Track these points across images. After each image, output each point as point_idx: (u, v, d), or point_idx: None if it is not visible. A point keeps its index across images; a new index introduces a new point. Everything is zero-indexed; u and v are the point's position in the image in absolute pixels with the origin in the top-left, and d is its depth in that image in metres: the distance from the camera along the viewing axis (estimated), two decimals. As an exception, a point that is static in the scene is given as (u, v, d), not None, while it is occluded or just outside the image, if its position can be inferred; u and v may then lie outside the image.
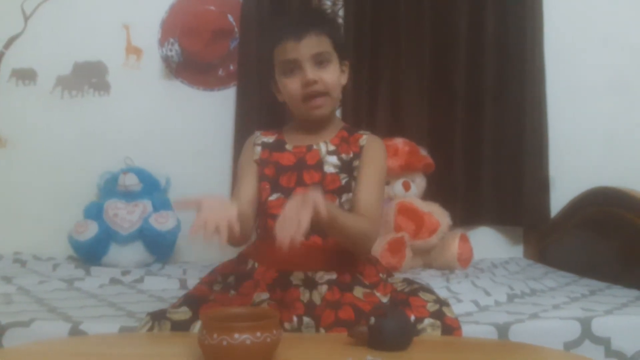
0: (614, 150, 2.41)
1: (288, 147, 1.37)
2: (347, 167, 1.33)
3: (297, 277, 1.26)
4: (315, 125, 1.37)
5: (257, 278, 1.27)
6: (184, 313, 1.19)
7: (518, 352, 1.16)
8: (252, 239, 1.39)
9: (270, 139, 1.41)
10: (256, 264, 1.31)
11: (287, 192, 1.31)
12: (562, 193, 2.32)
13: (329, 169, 1.33)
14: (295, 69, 1.30)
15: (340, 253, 1.28)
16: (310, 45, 1.29)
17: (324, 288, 1.25)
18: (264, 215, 1.33)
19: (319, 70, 1.30)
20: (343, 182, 1.32)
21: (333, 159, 1.34)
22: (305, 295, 1.23)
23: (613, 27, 2.41)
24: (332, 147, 1.35)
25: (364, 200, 1.29)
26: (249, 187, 1.35)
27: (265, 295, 1.22)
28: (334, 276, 1.27)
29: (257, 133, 1.43)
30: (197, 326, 1.15)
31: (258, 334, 0.92)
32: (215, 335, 0.92)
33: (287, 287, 1.24)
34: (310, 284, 1.25)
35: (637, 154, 2.40)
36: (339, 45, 1.36)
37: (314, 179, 1.32)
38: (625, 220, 1.85)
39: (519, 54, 2.36)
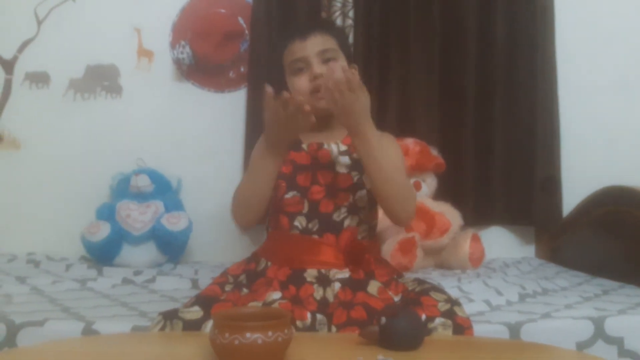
0: (627, 149, 2.38)
1: (304, 146, 1.39)
2: (359, 165, 1.33)
3: (310, 274, 1.27)
4: (325, 124, 1.38)
5: (270, 276, 1.28)
6: (195, 312, 1.20)
7: (530, 351, 1.15)
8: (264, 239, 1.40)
9: None
10: (269, 263, 1.32)
11: (303, 191, 1.33)
12: (574, 192, 2.30)
13: (340, 169, 1.35)
14: (303, 67, 1.34)
15: (353, 251, 1.29)
16: (316, 42, 1.34)
17: (337, 285, 1.25)
18: (278, 212, 1.34)
19: (326, 66, 1.32)
20: (355, 179, 1.34)
21: (345, 159, 1.35)
22: (318, 292, 1.25)
23: (626, 26, 2.39)
24: (343, 147, 1.36)
25: None
26: None
27: (277, 295, 1.22)
28: (347, 274, 1.28)
29: None
30: (208, 325, 1.16)
31: (270, 333, 0.93)
32: (227, 335, 0.92)
33: (302, 284, 1.25)
34: (324, 281, 1.26)
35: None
36: (345, 47, 1.39)
37: (327, 179, 1.34)
38: (638, 219, 1.83)
39: (529, 53, 2.34)
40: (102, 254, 2.13)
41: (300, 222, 1.32)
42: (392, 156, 1.29)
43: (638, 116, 2.40)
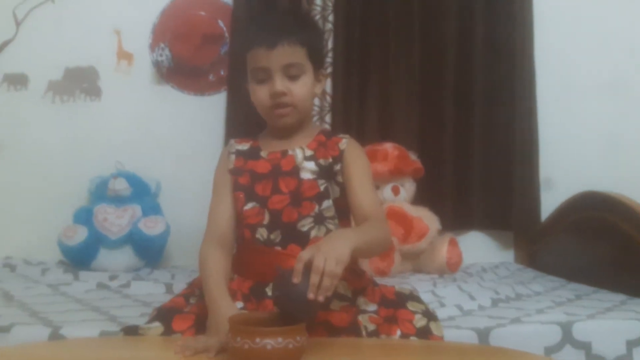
0: (607, 153, 2.40)
1: (263, 154, 1.33)
2: (326, 173, 1.30)
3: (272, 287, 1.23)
4: (289, 131, 1.33)
5: (234, 288, 1.25)
6: (156, 329, 1.18)
7: (496, 356, 1.15)
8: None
9: (244, 146, 1.37)
10: (235, 276, 1.29)
11: (262, 201, 1.28)
12: (554, 197, 2.31)
13: (305, 175, 1.28)
14: (265, 77, 1.27)
15: None
16: (282, 55, 1.25)
17: None
18: (240, 225, 1.30)
19: (289, 81, 1.27)
20: (322, 188, 1.28)
21: (310, 165, 1.30)
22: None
23: (603, 28, 2.41)
24: (309, 152, 1.31)
25: (367, 203, 1.27)
26: (225, 206, 1.32)
27: (239, 305, 1.20)
28: None
29: (232, 141, 1.40)
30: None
31: (279, 339, 0.92)
32: (238, 338, 0.93)
33: (262, 298, 1.22)
34: None
35: (631, 157, 2.39)
36: (316, 54, 1.31)
37: (290, 187, 1.28)
38: (614, 225, 1.84)
39: (509, 58, 2.36)
40: (78, 258, 2.11)
41: (261, 233, 1.26)
42: (372, 229, 1.22)
43: (620, 119, 2.41)
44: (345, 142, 1.34)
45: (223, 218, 1.32)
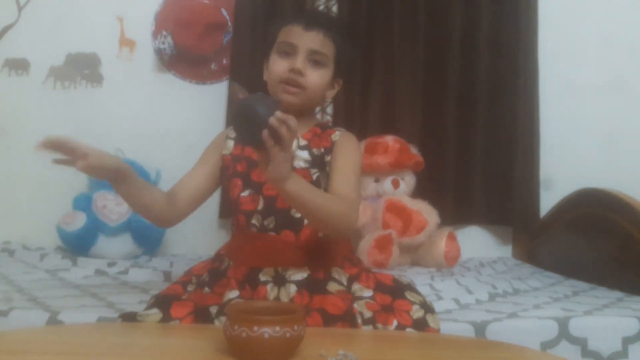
0: (607, 151, 2.40)
1: None
2: (319, 162, 1.31)
3: (266, 273, 1.24)
4: None
5: (230, 275, 1.26)
6: (154, 315, 1.18)
7: (492, 350, 1.15)
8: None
9: None
10: (230, 262, 1.30)
11: (258, 187, 1.29)
12: (553, 194, 2.31)
13: (298, 163, 1.29)
14: (290, 53, 1.30)
15: (314, 249, 1.26)
16: (314, 40, 1.29)
17: (293, 288, 1.22)
18: (236, 212, 1.31)
19: (310, 67, 1.30)
20: (314, 177, 1.29)
21: (304, 154, 1.31)
22: (272, 293, 1.22)
23: (607, 27, 2.40)
24: (303, 142, 1.32)
25: (338, 187, 1.25)
26: (198, 175, 1.34)
27: (234, 294, 1.21)
28: (305, 274, 1.25)
29: (231, 127, 1.40)
30: None
31: (277, 328, 0.93)
32: (236, 327, 0.94)
33: (256, 285, 1.23)
34: (280, 281, 1.24)
35: (632, 155, 2.39)
36: (342, 61, 1.35)
37: None
38: (612, 222, 1.85)
39: (512, 53, 2.35)
40: (77, 244, 2.12)
41: (256, 220, 1.27)
42: (330, 198, 1.21)
43: (621, 117, 2.41)
44: (338, 135, 1.35)
45: (186, 185, 1.33)
